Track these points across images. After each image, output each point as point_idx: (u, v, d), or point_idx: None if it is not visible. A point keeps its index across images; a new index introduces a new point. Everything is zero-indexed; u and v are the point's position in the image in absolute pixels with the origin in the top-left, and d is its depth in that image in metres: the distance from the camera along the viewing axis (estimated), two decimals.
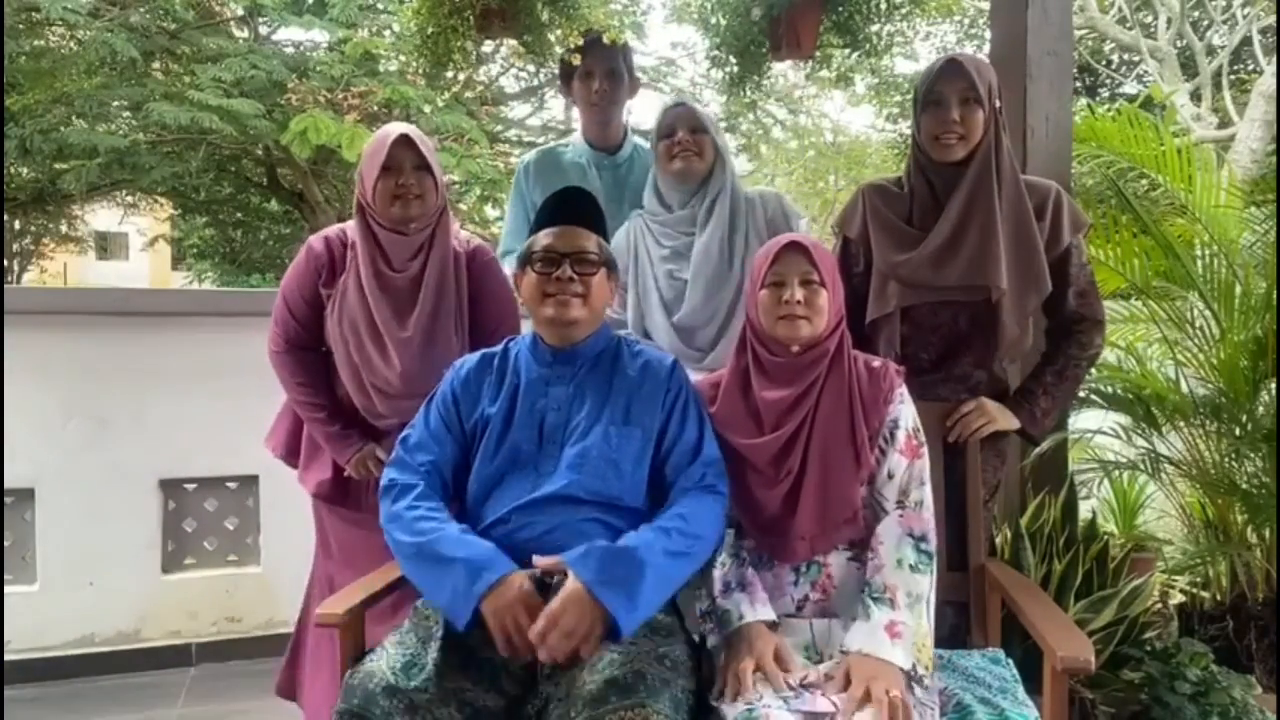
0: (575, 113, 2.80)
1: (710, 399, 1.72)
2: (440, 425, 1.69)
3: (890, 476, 1.62)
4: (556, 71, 2.73)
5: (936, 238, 1.92)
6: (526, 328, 1.82)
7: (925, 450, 1.66)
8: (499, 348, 1.77)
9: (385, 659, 1.44)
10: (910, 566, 1.55)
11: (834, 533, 1.60)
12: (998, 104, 1.91)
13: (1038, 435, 2.01)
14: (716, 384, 1.74)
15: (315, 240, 2.08)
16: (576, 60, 2.52)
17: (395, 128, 1.97)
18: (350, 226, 2.05)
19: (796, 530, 1.59)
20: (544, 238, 1.69)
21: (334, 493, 2.10)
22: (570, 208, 1.73)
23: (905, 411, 1.66)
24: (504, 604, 1.44)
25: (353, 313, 1.99)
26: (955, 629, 1.87)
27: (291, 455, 2.18)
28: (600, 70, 2.52)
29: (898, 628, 1.48)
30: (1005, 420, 1.93)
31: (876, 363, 1.70)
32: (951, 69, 1.88)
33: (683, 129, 2.26)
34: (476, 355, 1.77)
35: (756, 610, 1.54)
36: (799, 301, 1.59)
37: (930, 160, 1.94)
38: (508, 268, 2.17)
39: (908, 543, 1.57)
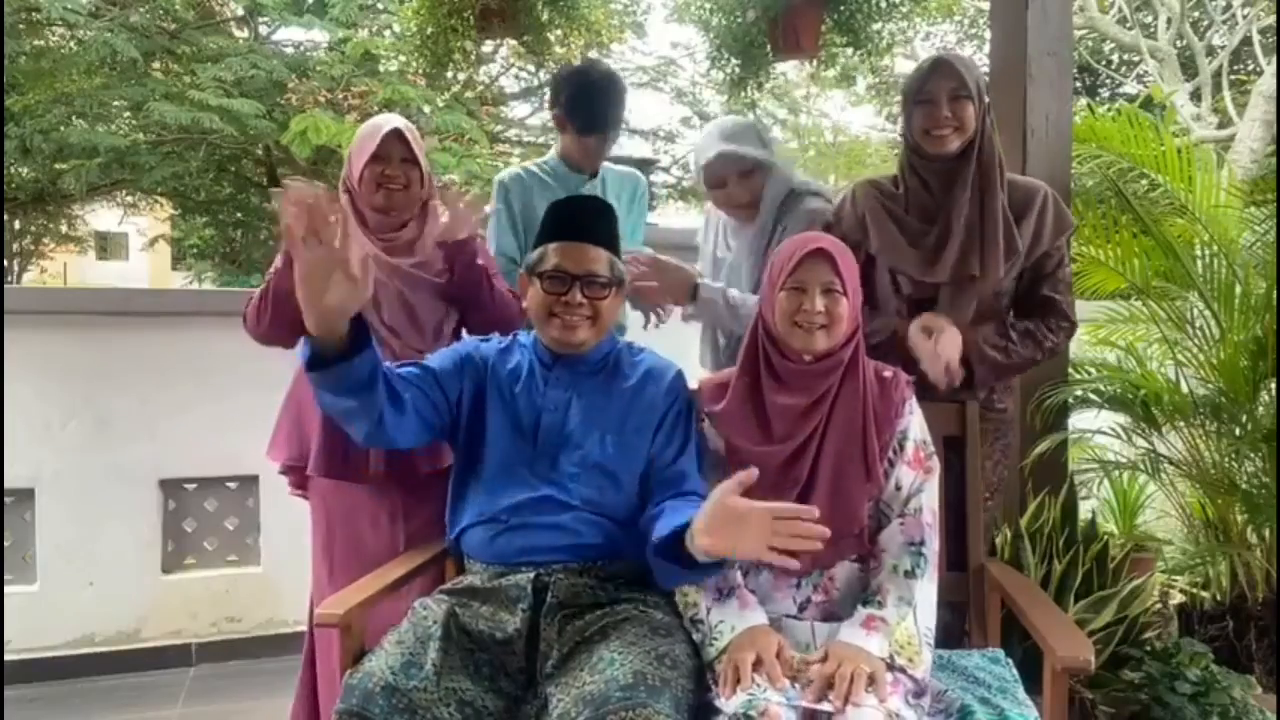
0: None
1: (716, 398, 1.67)
2: (437, 369, 1.67)
3: (898, 488, 1.61)
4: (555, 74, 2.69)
5: (945, 232, 1.93)
6: None
7: (935, 463, 1.65)
8: (506, 341, 1.77)
9: (384, 659, 1.44)
10: (905, 572, 1.55)
11: (839, 548, 1.59)
12: (986, 100, 1.92)
13: (977, 385, 1.91)
14: (724, 384, 1.68)
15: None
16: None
17: (389, 120, 2.01)
18: None
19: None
20: (554, 254, 1.65)
21: (331, 464, 2.00)
22: (582, 220, 1.68)
23: (914, 422, 1.64)
24: None
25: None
26: (954, 629, 1.87)
27: (296, 460, 2.10)
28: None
29: (875, 622, 1.49)
30: (952, 350, 1.83)
31: (888, 372, 1.67)
32: (941, 68, 1.90)
33: (732, 180, 2.15)
34: (493, 344, 1.76)
35: (747, 617, 1.52)
36: (820, 312, 1.55)
37: (922, 157, 1.95)
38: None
39: (907, 550, 1.57)
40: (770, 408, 1.61)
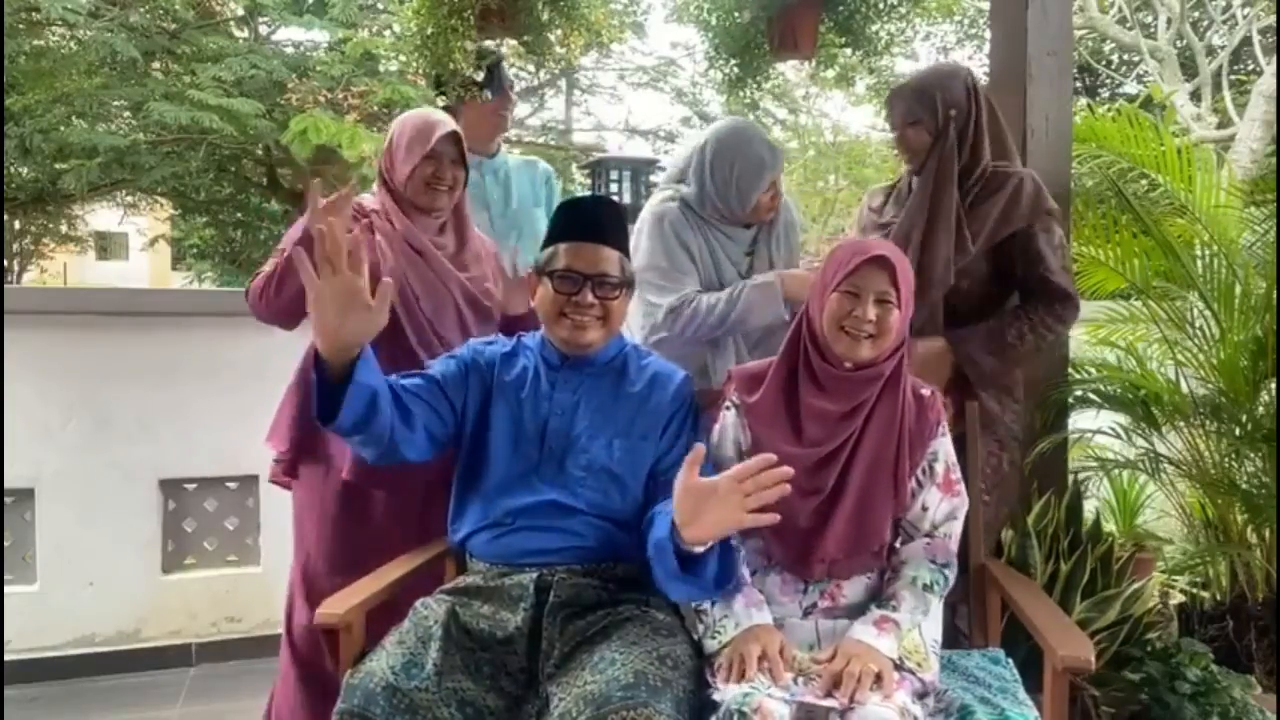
0: (574, 113, 2.82)
1: (748, 389, 1.64)
2: (441, 379, 1.66)
3: (924, 509, 1.60)
4: (557, 72, 2.75)
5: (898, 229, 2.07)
6: None
7: (963, 488, 1.64)
8: (511, 344, 1.76)
9: (385, 659, 1.44)
10: (924, 585, 1.56)
11: (856, 561, 1.59)
12: (952, 113, 2.01)
13: (977, 387, 2.04)
14: (759, 376, 1.65)
15: None
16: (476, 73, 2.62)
17: (443, 120, 2.02)
18: (364, 199, 2.07)
19: (820, 551, 1.56)
20: (564, 254, 1.64)
21: (366, 469, 1.92)
22: (593, 220, 1.67)
23: (945, 444, 1.63)
24: None
25: (400, 263, 1.97)
26: (952, 629, 1.87)
27: (301, 448, 2.07)
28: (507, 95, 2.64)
29: (888, 624, 1.50)
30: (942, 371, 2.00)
31: (926, 390, 1.65)
32: (895, 99, 2.07)
33: (772, 186, 2.17)
34: (497, 347, 1.76)
35: (753, 615, 1.52)
36: (870, 320, 1.52)
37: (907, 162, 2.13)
38: None
39: (929, 566, 1.58)
40: (805, 409, 1.59)
